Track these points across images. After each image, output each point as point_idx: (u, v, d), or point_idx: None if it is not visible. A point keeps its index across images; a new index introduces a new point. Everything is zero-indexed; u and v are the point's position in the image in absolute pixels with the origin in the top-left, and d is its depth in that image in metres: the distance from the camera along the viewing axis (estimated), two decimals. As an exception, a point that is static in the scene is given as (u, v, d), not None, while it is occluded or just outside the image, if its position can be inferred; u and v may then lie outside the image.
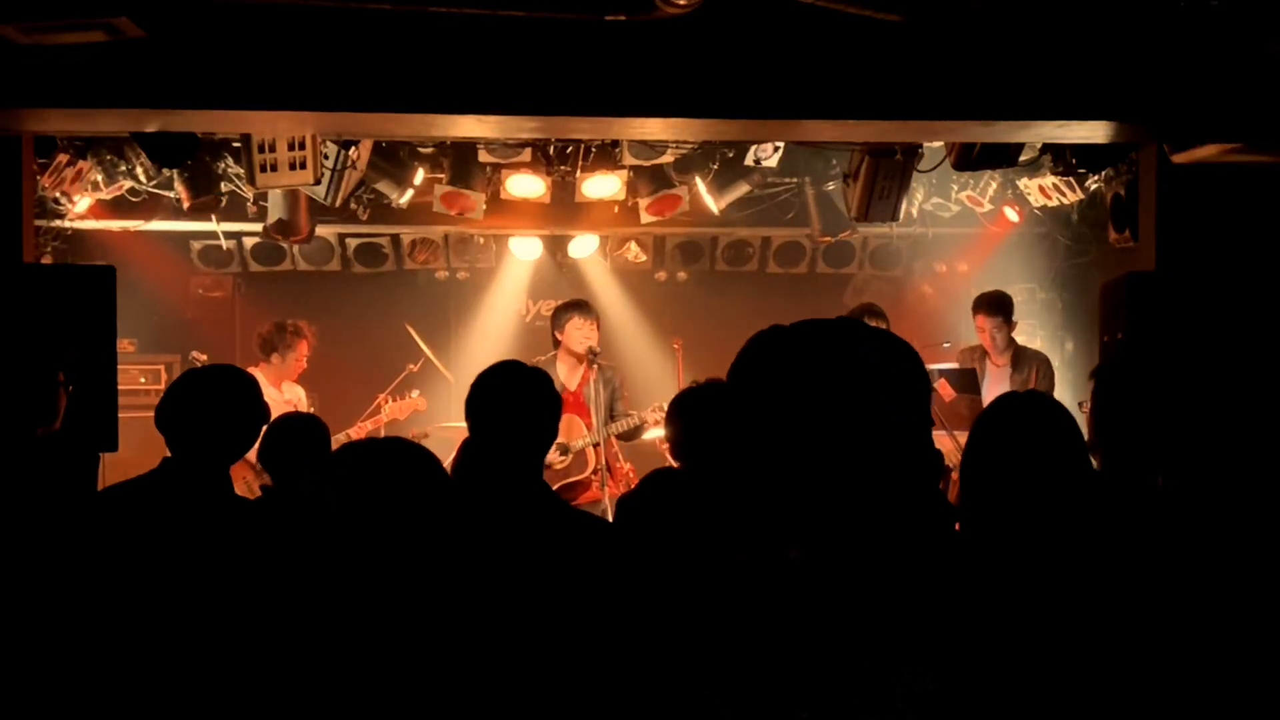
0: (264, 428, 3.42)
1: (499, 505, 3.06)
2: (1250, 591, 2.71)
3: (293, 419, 4.22)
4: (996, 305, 7.01)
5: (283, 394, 6.85)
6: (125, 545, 2.97)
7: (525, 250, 8.50)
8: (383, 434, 7.02)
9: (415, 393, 7.33)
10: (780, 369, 1.58)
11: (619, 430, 6.61)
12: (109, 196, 6.83)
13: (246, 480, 5.92)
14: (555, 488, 5.58)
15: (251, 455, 5.27)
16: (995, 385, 6.90)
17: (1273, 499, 3.04)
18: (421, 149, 7.03)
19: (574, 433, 6.51)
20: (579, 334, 6.59)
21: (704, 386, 3.77)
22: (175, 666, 2.79)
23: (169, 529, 2.98)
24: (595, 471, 6.51)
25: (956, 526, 2.02)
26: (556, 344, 6.72)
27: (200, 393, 3.16)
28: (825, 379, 1.57)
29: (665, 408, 6.83)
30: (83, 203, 6.88)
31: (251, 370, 6.69)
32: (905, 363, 1.61)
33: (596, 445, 6.48)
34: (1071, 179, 6.73)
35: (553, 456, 6.37)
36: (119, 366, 4.88)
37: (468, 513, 3.05)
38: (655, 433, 7.11)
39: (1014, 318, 7.08)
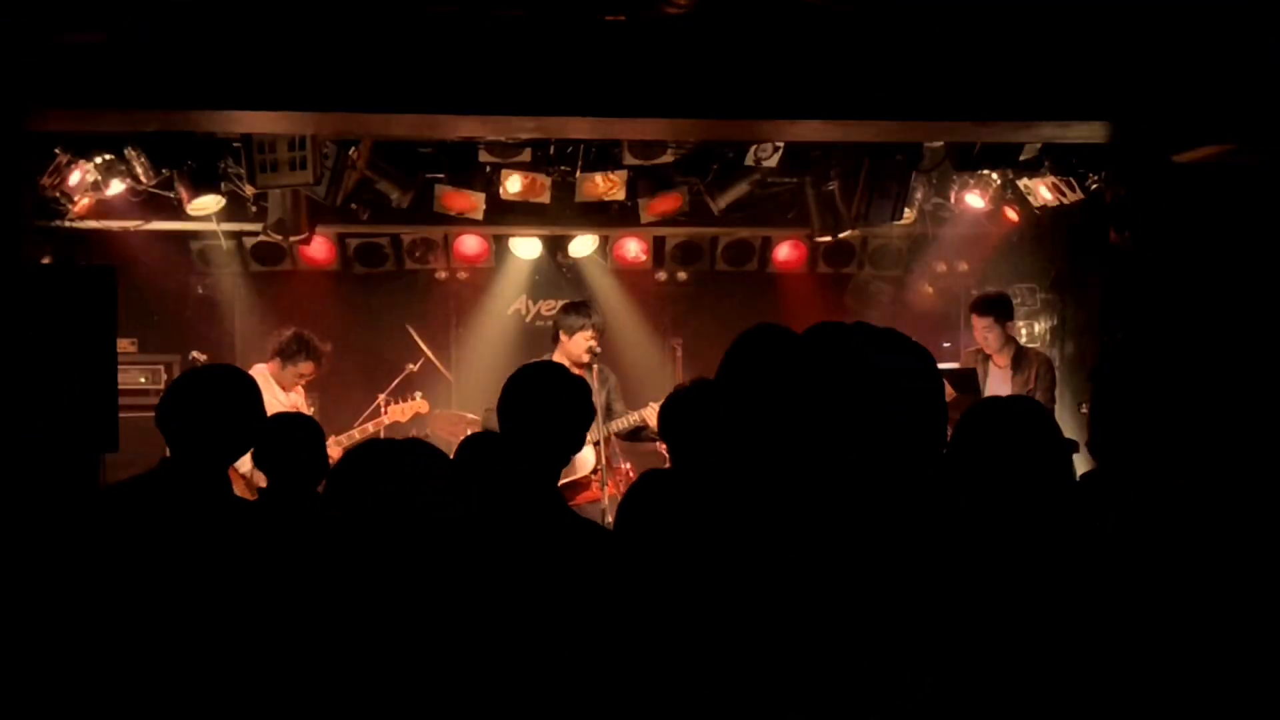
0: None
1: (510, 510, 3.04)
2: (1251, 591, 2.71)
3: (286, 419, 4.21)
4: (987, 306, 7.00)
5: (287, 395, 6.85)
6: (123, 544, 2.97)
7: (525, 250, 8.51)
8: (383, 436, 7.02)
9: (418, 395, 7.32)
10: (781, 369, 1.57)
11: (620, 428, 6.62)
12: (109, 196, 6.83)
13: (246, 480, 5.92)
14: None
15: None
16: (997, 386, 6.91)
17: (1273, 498, 3.04)
18: (421, 149, 7.03)
19: None
20: (586, 345, 6.60)
21: (691, 387, 3.75)
22: (172, 665, 2.79)
23: (167, 528, 2.98)
24: (595, 471, 6.52)
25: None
26: (555, 342, 6.72)
27: (200, 392, 3.16)
28: (825, 378, 1.56)
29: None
30: (83, 203, 6.88)
31: (258, 367, 6.71)
32: (912, 364, 1.61)
33: (596, 444, 6.49)
34: (1071, 179, 6.72)
35: None
36: (119, 366, 4.88)
37: (477, 514, 3.05)
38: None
39: (1012, 318, 7.07)
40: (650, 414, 6.62)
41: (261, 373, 6.62)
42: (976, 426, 2.67)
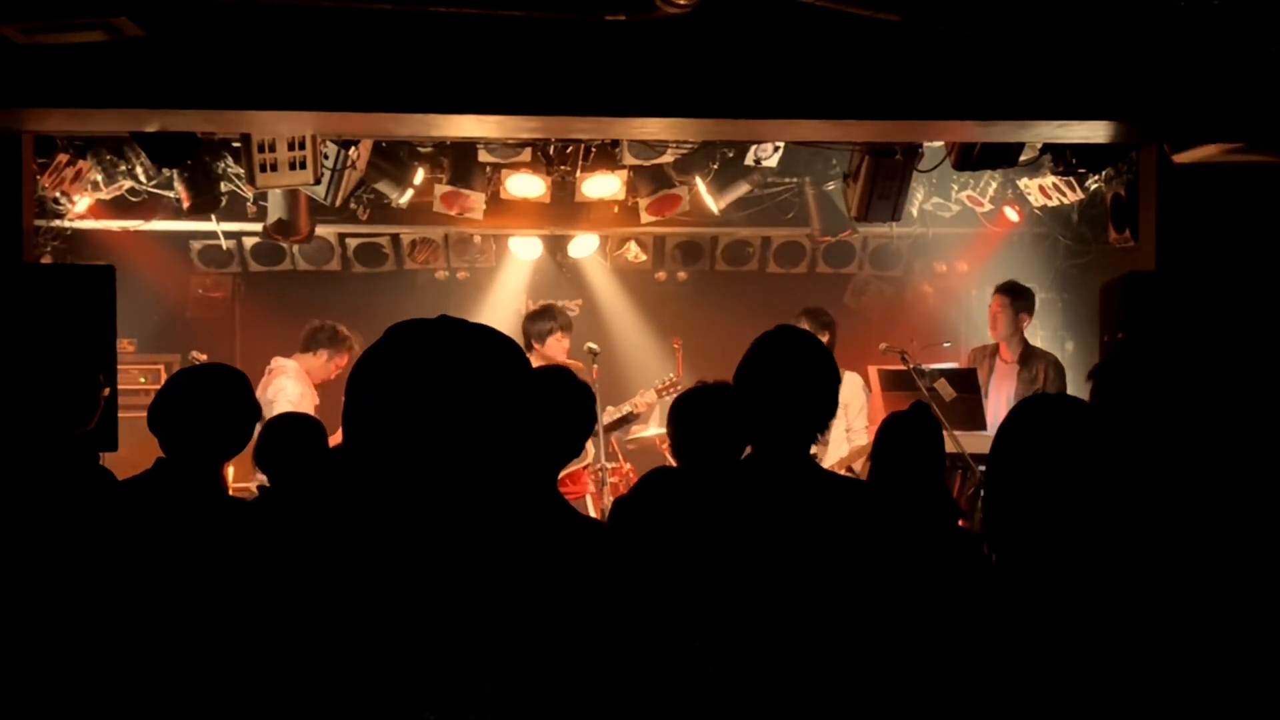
0: (258, 427, 3.40)
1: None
2: (1252, 592, 2.71)
3: (289, 419, 4.20)
4: (1013, 289, 7.01)
5: (314, 391, 6.84)
6: (118, 546, 2.96)
7: (525, 250, 8.50)
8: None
9: None
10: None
11: (609, 421, 6.71)
12: (109, 196, 6.82)
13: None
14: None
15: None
16: (1003, 383, 6.91)
17: (1273, 498, 3.04)
18: (421, 149, 7.03)
19: None
20: (560, 346, 6.74)
21: (709, 388, 3.78)
22: (166, 666, 2.79)
23: (162, 529, 2.98)
24: (586, 466, 6.57)
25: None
26: (529, 351, 6.77)
27: (192, 392, 3.15)
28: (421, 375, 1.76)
29: (650, 394, 6.93)
30: (83, 203, 6.87)
31: (297, 358, 6.72)
32: (496, 353, 1.78)
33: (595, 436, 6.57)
34: (1071, 179, 6.72)
35: None
36: (119, 366, 4.88)
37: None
38: (654, 430, 7.13)
39: (1030, 311, 7.07)
40: (640, 400, 6.71)
41: (296, 369, 6.65)
42: (1027, 422, 2.63)
